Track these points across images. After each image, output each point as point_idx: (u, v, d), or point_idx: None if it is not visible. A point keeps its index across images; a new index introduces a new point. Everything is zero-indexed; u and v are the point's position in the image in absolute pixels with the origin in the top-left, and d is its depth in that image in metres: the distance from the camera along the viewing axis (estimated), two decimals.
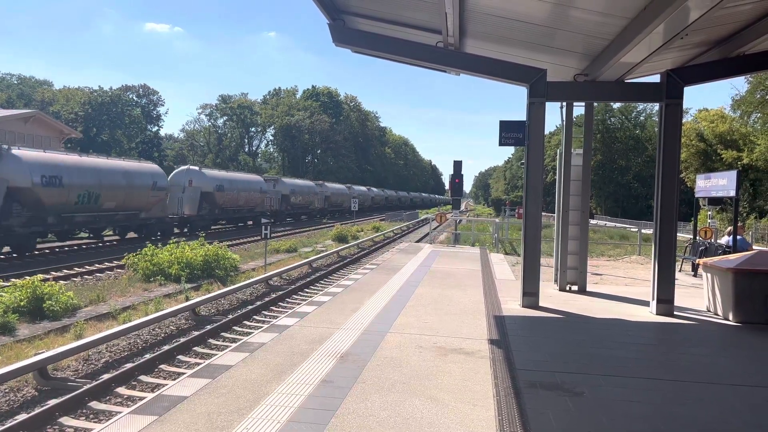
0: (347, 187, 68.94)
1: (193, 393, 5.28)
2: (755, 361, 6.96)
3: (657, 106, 10.53)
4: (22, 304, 10.64)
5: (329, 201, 59.64)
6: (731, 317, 8.98)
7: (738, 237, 12.87)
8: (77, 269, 17.53)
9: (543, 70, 9.63)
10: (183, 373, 7.15)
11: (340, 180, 78.84)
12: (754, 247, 14.72)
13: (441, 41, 9.68)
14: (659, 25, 6.93)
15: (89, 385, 7.16)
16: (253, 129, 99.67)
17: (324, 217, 56.26)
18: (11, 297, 10.63)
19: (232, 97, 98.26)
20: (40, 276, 12.64)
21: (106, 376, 7.74)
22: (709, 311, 9.74)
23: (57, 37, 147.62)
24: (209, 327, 10.48)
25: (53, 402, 6.70)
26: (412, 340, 7.32)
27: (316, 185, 56.38)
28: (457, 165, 21.19)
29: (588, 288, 11.65)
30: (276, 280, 15.90)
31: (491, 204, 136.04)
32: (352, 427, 4.59)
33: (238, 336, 10.05)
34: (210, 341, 9.80)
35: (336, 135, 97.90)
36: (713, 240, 15.58)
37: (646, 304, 10.02)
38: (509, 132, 9.72)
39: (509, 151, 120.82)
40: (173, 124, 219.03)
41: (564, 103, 11.46)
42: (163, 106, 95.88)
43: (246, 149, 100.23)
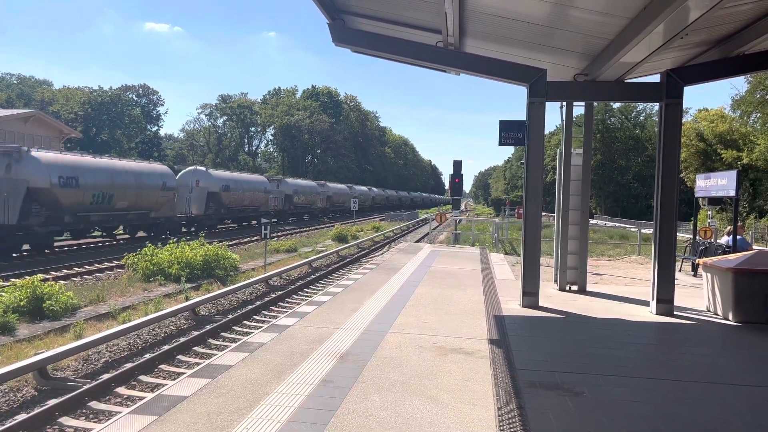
0: (348, 187, 69.26)
1: (193, 393, 5.27)
2: (755, 361, 6.97)
3: (657, 105, 10.53)
4: (21, 303, 10.64)
5: (331, 201, 59.98)
6: (731, 317, 8.98)
7: (738, 237, 12.87)
8: (77, 269, 17.52)
9: (543, 69, 9.63)
10: (183, 373, 7.14)
11: (340, 180, 78.91)
12: (753, 247, 14.72)
13: (441, 41, 9.67)
14: (659, 25, 6.93)
15: (89, 385, 7.16)
16: (253, 129, 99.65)
17: (326, 217, 56.51)
18: (11, 297, 10.63)
19: (231, 97, 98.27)
20: (39, 276, 12.64)
21: (105, 376, 7.73)
22: (709, 311, 9.74)
23: (57, 37, 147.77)
24: (209, 327, 10.48)
25: (53, 402, 6.70)
26: (412, 339, 7.32)
27: (318, 185, 56.74)
28: (457, 165, 21.20)
29: (588, 288, 11.65)
30: (276, 279, 15.89)
31: (491, 204, 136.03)
32: (352, 427, 4.59)
33: (238, 336, 10.05)
34: (210, 341, 9.79)
35: (336, 135, 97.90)
36: (713, 240, 15.58)
37: (646, 303, 10.02)
38: (509, 132, 9.71)
39: (509, 151, 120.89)
40: (173, 123, 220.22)
41: (564, 103, 11.45)
42: (163, 105, 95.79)
43: (246, 149, 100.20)
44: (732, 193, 12.52)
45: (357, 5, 9.45)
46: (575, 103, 11.50)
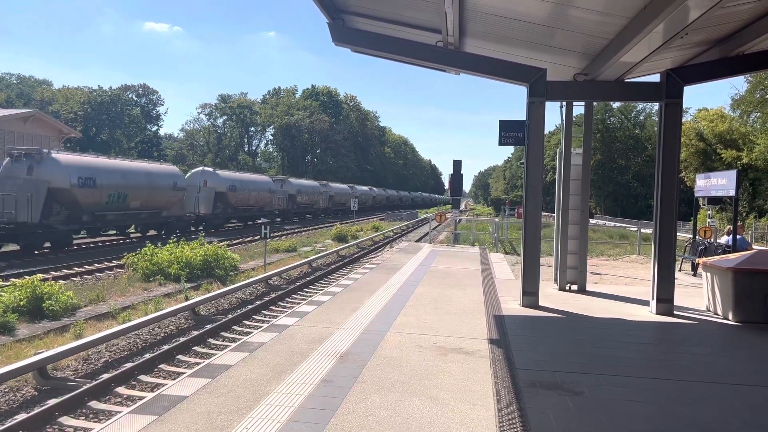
0: (350, 187, 69.84)
1: (193, 393, 5.27)
2: (755, 361, 6.96)
3: (657, 105, 10.52)
4: (21, 303, 10.64)
5: (333, 200, 60.38)
6: (731, 317, 8.98)
7: (737, 236, 12.87)
8: (77, 269, 17.52)
9: (543, 69, 9.63)
10: (183, 373, 7.14)
11: (339, 179, 79.02)
12: (753, 247, 14.73)
13: (441, 41, 9.67)
14: (659, 25, 6.92)
15: (89, 385, 7.16)
16: (253, 128, 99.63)
17: (328, 216, 56.84)
18: (11, 297, 10.62)
19: (231, 97, 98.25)
20: (39, 276, 12.63)
21: (105, 375, 7.73)
22: (709, 311, 9.74)
23: (56, 37, 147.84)
24: (209, 326, 10.48)
25: (53, 402, 6.70)
26: (411, 339, 7.32)
27: (320, 185, 57.23)
28: (457, 164, 21.17)
29: (588, 287, 11.65)
30: (276, 279, 15.89)
31: (491, 203, 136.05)
32: (352, 427, 4.59)
33: (237, 336, 10.05)
34: (210, 341, 9.79)
35: (336, 134, 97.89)
36: (713, 239, 15.60)
37: (645, 303, 10.02)
38: (509, 131, 9.71)
39: (509, 151, 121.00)
40: (173, 123, 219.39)
41: (564, 103, 11.45)
42: (163, 105, 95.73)
43: (245, 149, 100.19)
44: (732, 193, 12.52)
45: (357, 5, 9.45)
46: (575, 103, 11.50)
